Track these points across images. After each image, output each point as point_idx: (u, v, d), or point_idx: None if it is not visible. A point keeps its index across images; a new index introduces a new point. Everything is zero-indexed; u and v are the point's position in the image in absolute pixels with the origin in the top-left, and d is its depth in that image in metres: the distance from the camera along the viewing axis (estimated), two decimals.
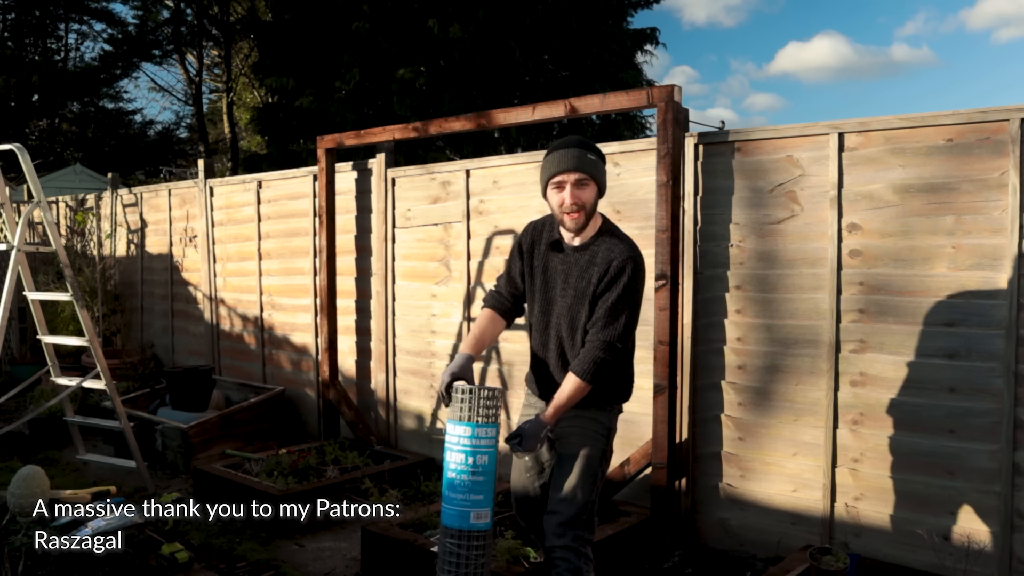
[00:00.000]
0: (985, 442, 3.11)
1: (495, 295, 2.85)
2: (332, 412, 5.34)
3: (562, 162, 2.53)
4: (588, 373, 2.49)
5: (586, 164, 2.53)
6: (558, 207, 2.57)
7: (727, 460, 3.76)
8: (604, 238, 2.60)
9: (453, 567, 2.40)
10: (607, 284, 2.52)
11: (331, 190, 5.27)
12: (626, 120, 14.42)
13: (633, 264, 2.51)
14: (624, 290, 2.50)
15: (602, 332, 2.50)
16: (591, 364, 2.49)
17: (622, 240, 2.60)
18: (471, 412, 2.41)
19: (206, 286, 6.70)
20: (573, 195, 2.52)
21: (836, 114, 79.92)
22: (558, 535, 2.55)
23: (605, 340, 2.49)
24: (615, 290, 2.50)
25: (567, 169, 2.53)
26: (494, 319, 2.82)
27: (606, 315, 2.50)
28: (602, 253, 2.56)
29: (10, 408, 5.91)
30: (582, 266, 2.59)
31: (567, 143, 2.58)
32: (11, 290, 4.32)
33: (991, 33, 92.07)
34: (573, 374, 2.52)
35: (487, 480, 2.42)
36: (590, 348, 2.51)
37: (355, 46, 12.98)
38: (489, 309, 2.83)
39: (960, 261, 3.16)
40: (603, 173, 2.59)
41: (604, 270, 2.53)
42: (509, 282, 2.82)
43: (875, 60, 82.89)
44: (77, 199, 8.10)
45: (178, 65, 19.73)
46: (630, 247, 2.57)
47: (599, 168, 2.57)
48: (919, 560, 3.21)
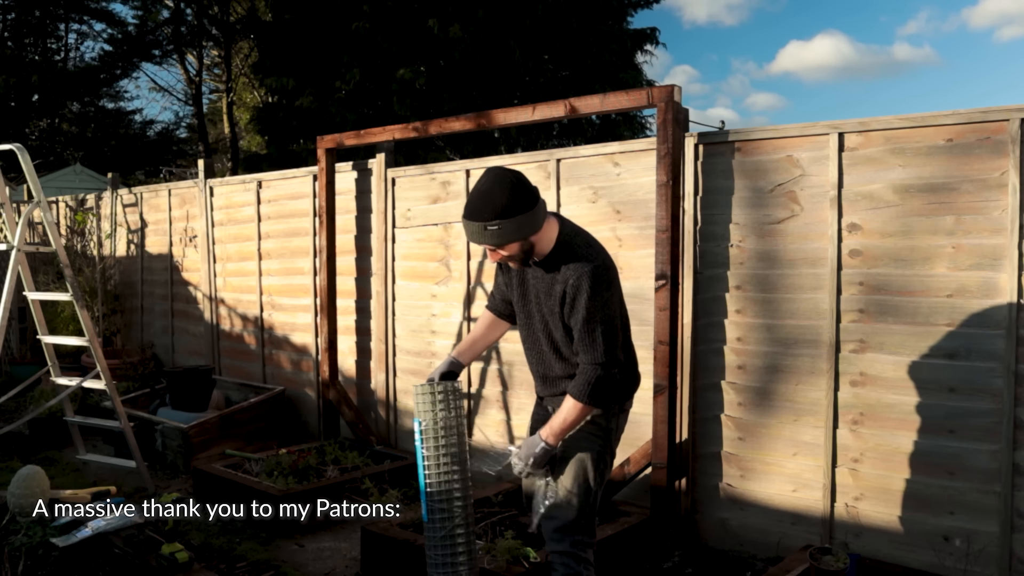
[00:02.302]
0: (985, 442, 3.11)
1: (494, 298, 2.85)
2: (332, 412, 5.34)
3: (469, 234, 2.46)
4: (584, 395, 2.45)
5: (487, 237, 2.40)
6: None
7: (727, 460, 3.76)
8: (562, 251, 2.48)
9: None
10: (571, 306, 2.45)
11: (331, 190, 5.27)
12: (626, 120, 14.42)
13: (589, 277, 2.39)
14: (588, 307, 2.40)
15: (586, 356, 2.47)
16: (586, 385, 2.45)
17: (577, 250, 2.47)
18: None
19: (206, 286, 6.70)
20: (494, 256, 2.51)
21: (837, 114, 79.89)
22: (556, 540, 2.53)
23: (592, 362, 2.45)
24: (579, 310, 2.42)
25: (472, 241, 2.50)
26: (492, 322, 2.82)
27: (582, 339, 2.45)
28: (561, 271, 2.46)
29: (10, 408, 5.91)
30: (548, 283, 2.53)
31: (471, 212, 2.41)
32: (11, 290, 4.32)
33: (993, 32, 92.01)
34: (570, 396, 2.49)
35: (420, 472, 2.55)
36: (582, 371, 2.48)
37: (355, 46, 12.98)
38: (490, 311, 2.83)
39: (960, 261, 3.16)
40: (519, 227, 2.39)
41: (563, 291, 2.45)
42: (499, 288, 2.81)
43: (876, 59, 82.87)
44: (77, 199, 8.10)
45: (178, 65, 19.75)
46: (585, 258, 2.44)
47: (510, 229, 2.39)
48: (919, 560, 3.21)
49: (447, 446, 2.50)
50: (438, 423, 2.49)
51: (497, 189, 2.39)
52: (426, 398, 2.50)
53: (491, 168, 2.47)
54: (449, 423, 2.50)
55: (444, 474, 2.50)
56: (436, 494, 2.50)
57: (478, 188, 2.42)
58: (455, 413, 2.52)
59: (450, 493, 2.50)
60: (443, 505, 2.49)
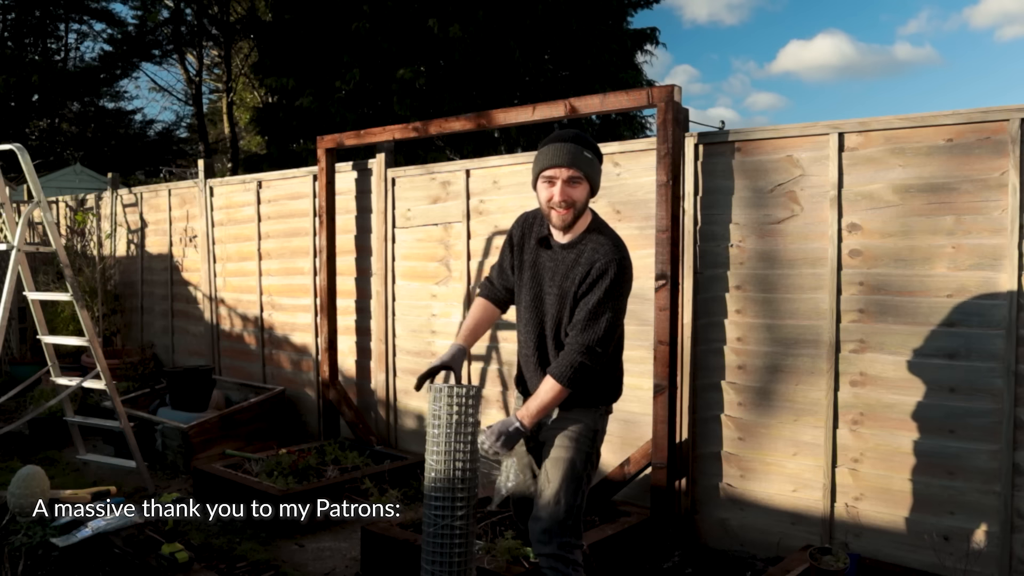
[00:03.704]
0: (985, 442, 3.11)
1: (488, 284, 2.81)
2: (332, 412, 5.34)
3: (555, 156, 2.43)
4: (565, 377, 2.42)
5: (580, 161, 2.43)
6: (546, 202, 2.48)
7: (727, 460, 3.76)
8: (592, 236, 2.51)
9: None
10: (589, 285, 2.44)
11: (331, 190, 5.27)
12: (626, 120, 14.43)
13: (617, 266, 2.42)
14: (606, 292, 2.40)
15: (581, 335, 2.42)
16: (568, 368, 2.41)
17: (609, 239, 2.50)
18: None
19: (206, 286, 6.70)
20: (563, 192, 2.43)
21: (838, 113, 79.93)
22: (543, 542, 2.50)
23: (584, 344, 2.41)
24: (596, 292, 2.41)
25: (559, 164, 2.42)
26: (487, 308, 2.78)
27: (586, 318, 2.42)
28: (587, 253, 2.47)
29: (10, 408, 5.91)
30: (568, 264, 2.51)
31: (564, 136, 2.47)
32: (11, 290, 4.32)
33: (994, 31, 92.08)
34: (550, 376, 2.44)
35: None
36: (569, 351, 2.44)
37: (355, 46, 12.99)
38: (483, 298, 2.80)
39: (960, 261, 3.16)
40: (598, 172, 2.50)
41: (587, 271, 2.44)
42: (501, 274, 2.76)
43: (877, 59, 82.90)
44: (77, 199, 8.11)
45: (178, 65, 19.76)
46: (616, 247, 2.47)
47: (594, 167, 2.48)
48: (919, 560, 3.21)
49: (461, 450, 2.44)
50: (452, 425, 2.44)
51: (585, 134, 2.52)
52: (444, 400, 2.44)
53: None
54: (465, 427, 2.45)
55: (452, 479, 2.44)
56: (439, 498, 2.46)
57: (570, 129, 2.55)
58: (472, 417, 2.46)
59: (454, 498, 2.45)
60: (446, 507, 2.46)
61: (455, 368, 2.59)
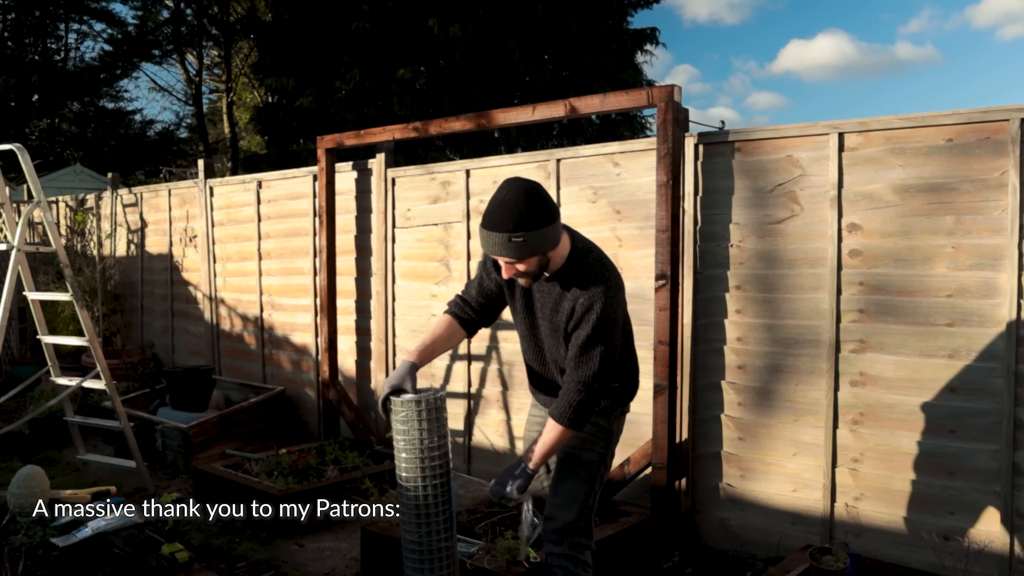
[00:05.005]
0: (985, 442, 3.11)
1: (460, 303, 2.67)
2: (332, 412, 5.34)
3: (488, 246, 2.33)
4: (566, 418, 2.39)
5: (511, 249, 2.28)
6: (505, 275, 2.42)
7: (727, 460, 3.76)
8: (574, 266, 2.41)
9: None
10: (576, 323, 2.38)
11: (331, 190, 5.27)
12: (626, 120, 14.43)
13: (603, 297, 2.34)
14: (594, 328, 2.34)
15: (576, 373, 2.39)
16: (568, 408, 2.38)
17: (592, 267, 2.40)
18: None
19: (206, 286, 6.70)
20: (512, 271, 2.37)
21: (838, 113, 79.94)
22: (554, 542, 2.51)
23: (580, 381, 2.38)
24: (584, 328, 2.35)
25: (494, 254, 2.34)
26: (451, 328, 2.64)
27: (578, 355, 2.37)
28: (572, 289, 2.39)
29: (10, 408, 5.91)
30: (555, 297, 2.45)
31: (491, 221, 2.29)
32: (11, 290, 4.32)
33: (995, 31, 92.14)
34: (551, 419, 2.41)
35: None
36: (566, 391, 2.41)
37: (355, 46, 12.98)
38: (450, 316, 2.65)
39: (960, 261, 3.16)
40: (542, 238, 2.29)
41: (571, 307, 2.38)
42: (481, 291, 2.65)
43: (878, 58, 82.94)
44: (77, 199, 8.11)
45: (178, 65, 19.75)
46: (600, 276, 2.37)
47: (531, 242, 2.28)
48: (919, 560, 3.21)
49: (432, 466, 2.37)
50: (424, 441, 2.35)
51: (521, 200, 2.26)
52: (410, 414, 2.35)
53: (512, 179, 2.35)
54: (432, 441, 2.36)
55: (426, 496, 2.37)
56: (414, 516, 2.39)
57: (500, 198, 2.29)
58: (439, 429, 2.38)
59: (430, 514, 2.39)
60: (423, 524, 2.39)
61: (405, 389, 2.44)
